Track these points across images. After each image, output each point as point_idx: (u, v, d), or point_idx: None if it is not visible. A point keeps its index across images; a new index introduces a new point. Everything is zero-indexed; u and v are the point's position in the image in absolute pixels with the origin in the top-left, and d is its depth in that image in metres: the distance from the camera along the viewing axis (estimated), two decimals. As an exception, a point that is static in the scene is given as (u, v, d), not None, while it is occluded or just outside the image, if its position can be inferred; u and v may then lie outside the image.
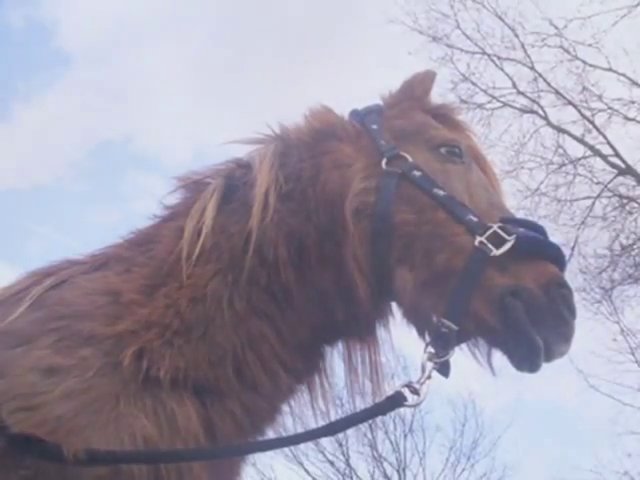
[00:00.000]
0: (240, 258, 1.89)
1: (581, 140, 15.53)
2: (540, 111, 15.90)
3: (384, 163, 1.99)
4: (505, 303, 1.77)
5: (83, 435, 1.61)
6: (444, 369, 1.83)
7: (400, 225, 1.90)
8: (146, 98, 29.42)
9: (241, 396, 1.81)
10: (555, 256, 1.89)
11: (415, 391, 1.77)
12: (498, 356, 1.88)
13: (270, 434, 1.95)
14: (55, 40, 31.93)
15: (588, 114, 15.43)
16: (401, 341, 2.09)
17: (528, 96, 16.03)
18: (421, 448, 18.59)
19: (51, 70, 33.45)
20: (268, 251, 1.90)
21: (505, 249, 1.81)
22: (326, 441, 15.51)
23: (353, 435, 15.77)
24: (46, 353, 1.69)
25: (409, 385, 1.77)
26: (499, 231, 1.84)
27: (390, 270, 1.90)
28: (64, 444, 1.57)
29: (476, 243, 1.83)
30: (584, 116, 15.43)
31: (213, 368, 1.80)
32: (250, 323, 1.85)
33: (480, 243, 1.82)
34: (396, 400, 1.76)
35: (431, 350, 1.81)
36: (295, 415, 1.98)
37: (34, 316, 1.77)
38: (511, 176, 15.38)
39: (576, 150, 15.72)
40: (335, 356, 2.04)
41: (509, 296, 1.78)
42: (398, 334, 2.05)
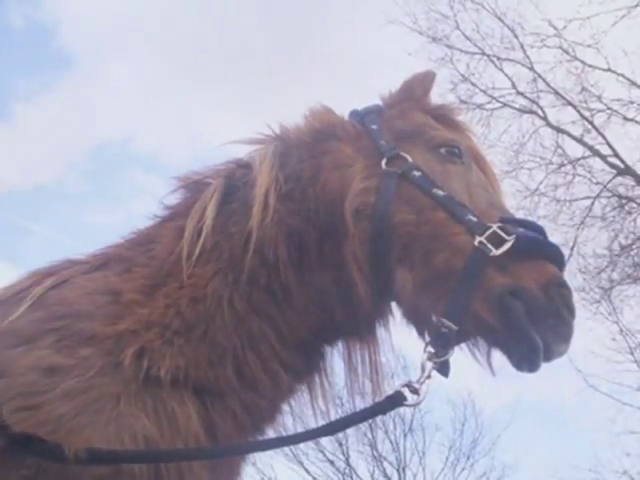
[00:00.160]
0: (240, 258, 1.90)
1: (580, 140, 15.52)
2: (539, 111, 15.90)
3: (384, 163, 1.99)
4: (505, 303, 1.78)
5: (84, 434, 1.61)
6: (444, 369, 1.83)
7: (400, 225, 1.91)
8: (146, 98, 29.46)
9: (241, 395, 1.82)
10: (554, 256, 1.89)
11: (415, 391, 1.77)
12: (498, 356, 1.88)
13: (270, 433, 1.95)
14: (56, 41, 31.93)
15: (587, 114, 15.42)
16: (401, 341, 2.09)
17: (527, 96, 16.03)
18: (421, 447, 18.68)
19: (51, 71, 33.54)
20: (268, 251, 1.91)
21: (505, 249, 1.82)
22: (326, 440, 15.53)
23: (353, 434, 15.90)
24: (47, 353, 1.69)
25: (409, 385, 1.78)
26: (499, 231, 1.84)
27: (390, 270, 1.90)
28: (65, 443, 1.57)
29: (476, 243, 1.83)
30: (583, 116, 15.43)
31: (213, 368, 1.80)
32: (250, 323, 1.86)
33: (480, 243, 1.83)
34: (396, 400, 1.77)
35: (431, 350, 1.82)
36: (295, 414, 1.99)
37: (35, 316, 1.77)
38: (510, 176, 15.39)
39: (575, 150, 15.74)
40: (335, 356, 2.04)
41: (509, 296, 1.78)
42: (398, 334, 2.05)
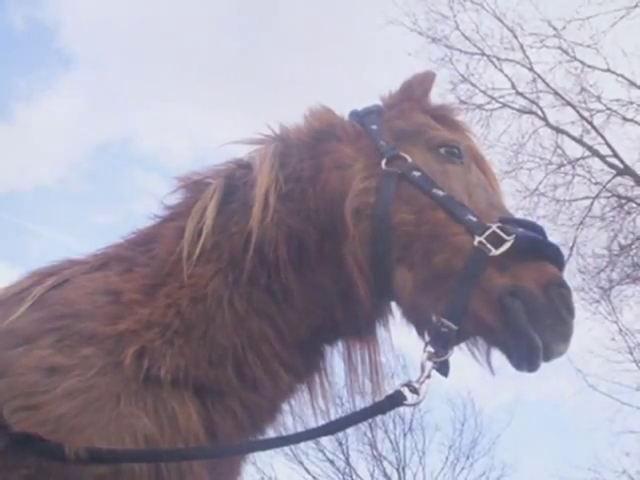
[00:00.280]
0: (240, 258, 1.90)
1: (580, 141, 15.52)
2: (539, 112, 15.90)
3: (384, 163, 2.00)
4: (504, 303, 1.78)
5: (84, 434, 1.62)
6: (443, 368, 1.83)
7: (400, 225, 1.91)
8: (146, 99, 29.46)
9: (241, 395, 1.82)
10: (554, 256, 1.89)
11: (414, 390, 1.78)
12: (497, 355, 1.88)
13: (270, 433, 1.96)
14: (56, 41, 32.00)
15: (587, 115, 15.42)
16: (401, 340, 2.10)
17: (527, 97, 16.03)
18: (421, 447, 18.64)
19: (52, 71, 33.49)
20: (268, 251, 1.91)
21: (504, 249, 1.82)
22: (326, 440, 15.58)
23: (353, 434, 15.86)
24: (48, 352, 1.69)
25: (409, 384, 1.78)
26: (498, 231, 1.84)
27: (390, 270, 1.91)
28: (66, 443, 1.58)
29: (475, 243, 1.83)
30: (583, 117, 15.43)
31: (214, 367, 1.80)
32: (250, 323, 1.86)
33: (479, 243, 1.83)
34: (396, 399, 1.77)
35: (430, 349, 1.82)
36: (295, 414, 1.99)
37: (35, 316, 1.78)
38: (510, 176, 15.39)
39: (575, 150, 15.74)
40: (335, 355, 2.05)
41: (508, 296, 1.78)
42: (398, 333, 2.06)
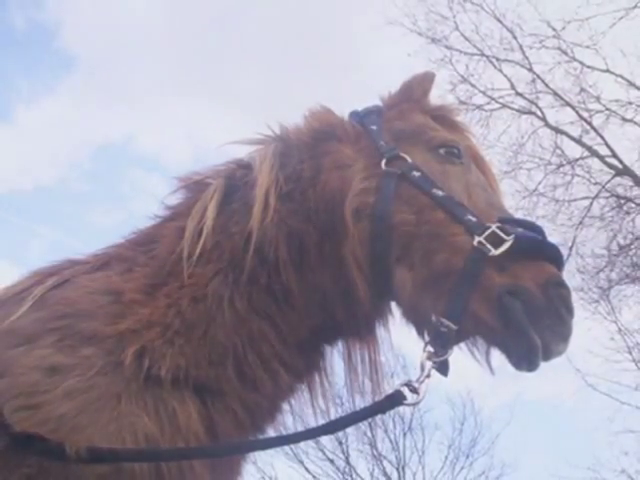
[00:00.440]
0: (241, 258, 1.90)
1: (579, 141, 15.54)
2: (538, 112, 15.91)
3: (384, 164, 2.00)
4: (504, 302, 1.78)
5: (85, 433, 1.62)
6: (443, 368, 1.84)
7: (399, 225, 1.91)
8: (147, 99, 29.45)
9: (242, 395, 1.82)
10: (553, 256, 1.89)
11: (414, 390, 1.78)
12: (496, 355, 1.89)
13: (270, 432, 1.96)
14: (57, 42, 31.93)
15: (586, 115, 15.44)
16: (400, 340, 2.10)
17: (526, 97, 16.04)
18: (420, 446, 18.66)
19: (53, 71, 33.43)
20: (268, 251, 1.91)
21: (504, 249, 1.82)
22: (326, 439, 15.57)
23: (353, 433, 15.84)
24: (48, 352, 1.70)
25: (408, 384, 1.78)
26: (498, 231, 1.85)
27: (389, 270, 1.91)
28: (66, 442, 1.58)
29: (475, 243, 1.84)
30: (582, 117, 15.44)
31: (214, 367, 1.81)
32: (251, 322, 1.86)
33: (479, 243, 1.83)
34: (395, 399, 1.78)
35: (430, 349, 1.82)
36: (295, 414, 2.00)
37: (36, 315, 1.78)
38: (509, 176, 15.42)
39: (574, 151, 15.76)
40: (335, 355, 2.05)
41: (507, 295, 1.79)
42: (397, 333, 2.06)
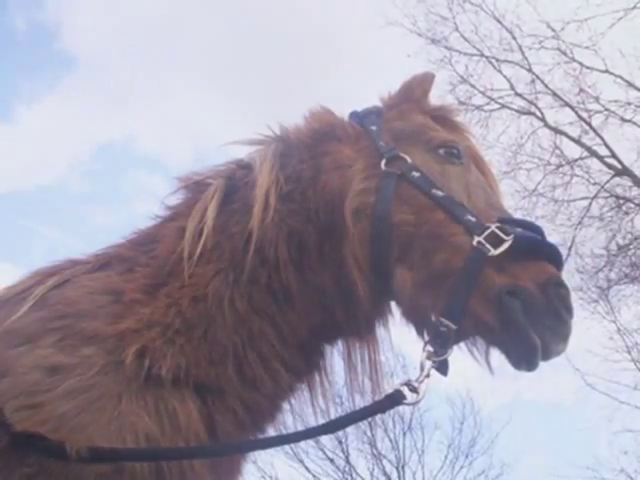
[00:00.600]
0: (241, 258, 1.91)
1: (578, 141, 15.55)
2: (537, 112, 15.93)
3: (383, 164, 2.00)
4: (503, 302, 1.78)
5: (86, 433, 1.62)
6: (443, 368, 1.84)
7: (399, 225, 1.92)
8: (147, 99, 29.46)
9: (242, 394, 1.83)
10: (552, 256, 1.90)
11: (414, 389, 1.78)
12: (496, 355, 1.89)
13: (271, 432, 1.96)
14: (58, 42, 31.90)
15: (585, 115, 15.44)
16: (400, 340, 2.11)
17: (526, 98, 16.05)
18: (420, 446, 18.65)
19: (54, 72, 33.43)
20: (269, 251, 1.92)
21: (503, 249, 1.82)
22: (326, 439, 15.55)
23: (353, 433, 15.81)
24: (49, 352, 1.70)
25: (408, 383, 1.79)
26: (497, 231, 1.85)
27: (389, 270, 1.92)
28: (67, 442, 1.58)
29: (474, 243, 1.84)
30: (581, 117, 15.45)
31: (214, 366, 1.81)
32: (251, 322, 1.87)
33: (478, 243, 1.84)
34: (395, 398, 1.78)
35: (430, 349, 1.83)
36: (295, 413, 2.00)
37: (37, 315, 1.79)
38: (509, 177, 15.43)
39: (573, 151, 15.77)
40: (335, 355, 2.06)
41: (507, 295, 1.79)
42: (397, 333, 2.07)
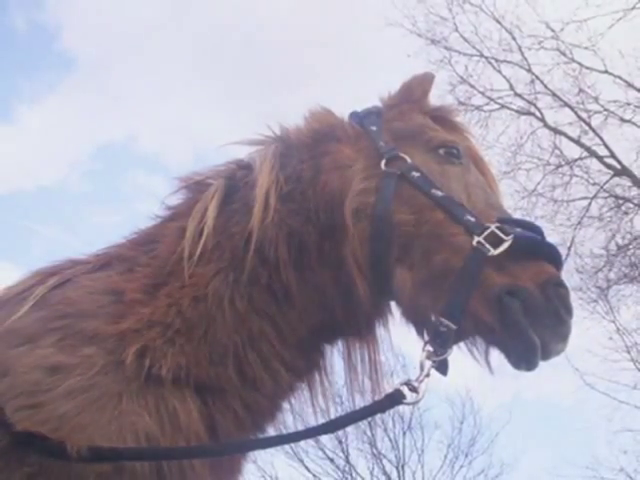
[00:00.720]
0: (241, 258, 1.91)
1: (577, 141, 15.57)
2: (537, 113, 15.95)
3: (383, 164, 2.01)
4: (503, 302, 1.79)
5: (86, 432, 1.63)
6: (442, 367, 1.84)
7: (399, 225, 1.92)
8: (148, 100, 29.47)
9: (242, 394, 1.83)
10: (552, 256, 1.90)
11: (414, 389, 1.79)
12: (496, 354, 1.89)
13: (271, 431, 1.96)
14: (58, 42, 31.93)
15: (584, 116, 15.47)
16: (400, 340, 2.11)
17: (525, 98, 16.08)
18: (420, 445, 18.69)
19: (54, 72, 33.48)
20: (269, 251, 1.92)
21: (503, 249, 1.83)
22: (326, 438, 15.59)
23: (353, 432, 15.89)
24: (50, 351, 1.70)
25: (408, 383, 1.79)
26: (497, 231, 1.85)
27: (389, 270, 1.92)
28: (67, 441, 1.59)
29: (474, 243, 1.84)
30: (580, 118, 15.47)
31: (214, 366, 1.81)
32: (251, 322, 1.87)
33: (478, 243, 1.84)
34: (395, 398, 1.78)
35: (429, 349, 1.83)
36: (295, 413, 2.00)
37: (38, 315, 1.79)
38: (508, 177, 15.47)
39: (572, 151, 15.80)
40: (335, 354, 2.06)
41: (506, 295, 1.79)
42: (397, 333, 2.07)
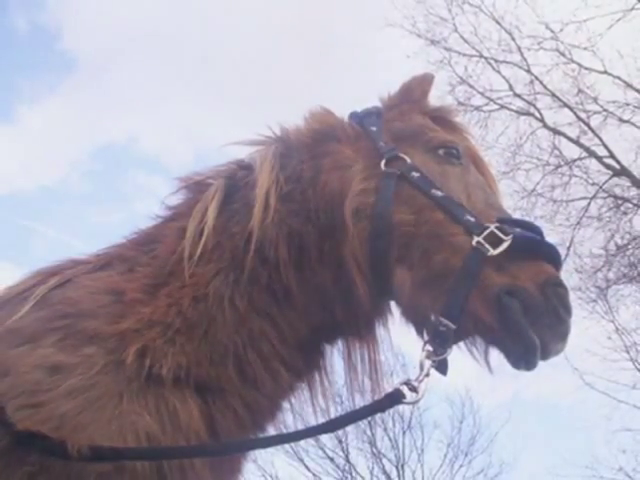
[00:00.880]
0: (241, 258, 1.91)
1: (577, 142, 15.59)
2: (536, 113, 15.96)
3: (383, 164, 2.01)
4: (502, 302, 1.79)
5: (87, 432, 1.63)
6: (442, 367, 1.84)
7: (399, 225, 1.92)
8: (148, 100, 29.45)
9: (242, 393, 1.83)
10: (551, 256, 1.90)
11: (413, 389, 1.79)
12: (495, 354, 1.90)
13: (271, 431, 1.97)
14: (59, 43, 31.92)
15: (583, 116, 15.48)
16: (400, 339, 2.11)
17: (524, 98, 16.09)
18: (419, 444, 18.69)
19: (55, 73, 33.45)
20: (269, 251, 1.93)
21: (502, 249, 1.83)
22: (326, 438, 15.61)
23: (353, 432, 15.93)
24: (50, 351, 1.71)
25: (408, 383, 1.79)
26: (496, 231, 1.86)
27: (389, 269, 1.92)
28: (68, 441, 1.59)
29: (474, 243, 1.85)
30: (580, 118, 15.48)
31: (215, 366, 1.82)
32: (251, 322, 1.87)
33: (477, 243, 1.84)
34: (395, 397, 1.78)
35: (429, 348, 1.83)
36: (295, 412, 2.01)
37: (38, 315, 1.79)
38: (508, 177, 15.49)
39: (572, 151, 15.81)
40: (335, 354, 2.06)
41: (506, 295, 1.80)
42: (397, 333, 2.07)
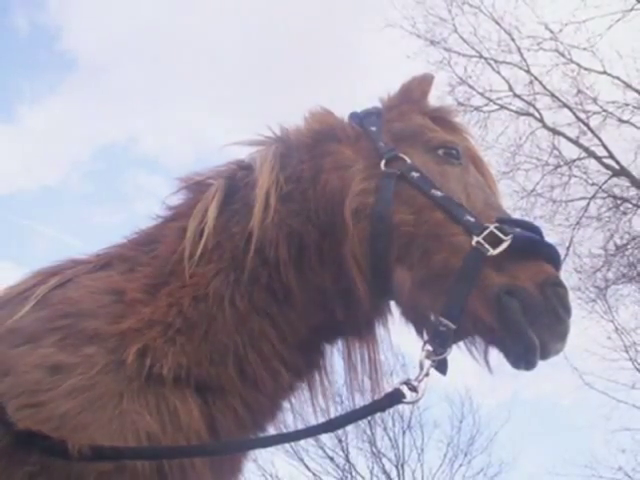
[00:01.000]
0: (241, 258, 1.92)
1: (576, 142, 15.60)
2: (536, 113, 15.98)
3: (383, 164, 2.01)
4: (502, 302, 1.79)
5: (87, 432, 1.63)
6: (442, 367, 1.85)
7: (399, 225, 1.93)
8: (148, 100, 29.46)
9: (243, 393, 1.84)
10: (551, 256, 1.91)
11: (413, 388, 1.79)
12: (495, 354, 1.90)
13: (271, 430, 1.97)
14: (59, 43, 31.86)
15: (583, 116, 15.49)
16: (400, 339, 2.12)
17: (524, 99, 16.11)
18: (419, 444, 18.68)
19: (56, 73, 33.42)
20: (269, 251, 1.93)
21: (502, 249, 1.83)
22: (326, 437, 15.61)
23: (353, 431, 15.94)
24: (51, 351, 1.71)
25: (407, 382, 1.80)
26: (496, 231, 1.86)
27: (389, 269, 1.92)
28: (69, 440, 1.59)
29: (473, 243, 1.85)
30: (579, 118, 15.49)
31: (215, 366, 1.82)
32: (251, 321, 1.88)
33: (477, 243, 1.84)
34: (395, 397, 1.79)
35: (429, 348, 1.83)
36: (295, 412, 2.01)
37: (39, 315, 1.80)
38: (507, 177, 15.51)
39: (571, 152, 15.83)
40: (335, 354, 2.07)
41: (505, 295, 1.80)
42: (397, 332, 2.08)
